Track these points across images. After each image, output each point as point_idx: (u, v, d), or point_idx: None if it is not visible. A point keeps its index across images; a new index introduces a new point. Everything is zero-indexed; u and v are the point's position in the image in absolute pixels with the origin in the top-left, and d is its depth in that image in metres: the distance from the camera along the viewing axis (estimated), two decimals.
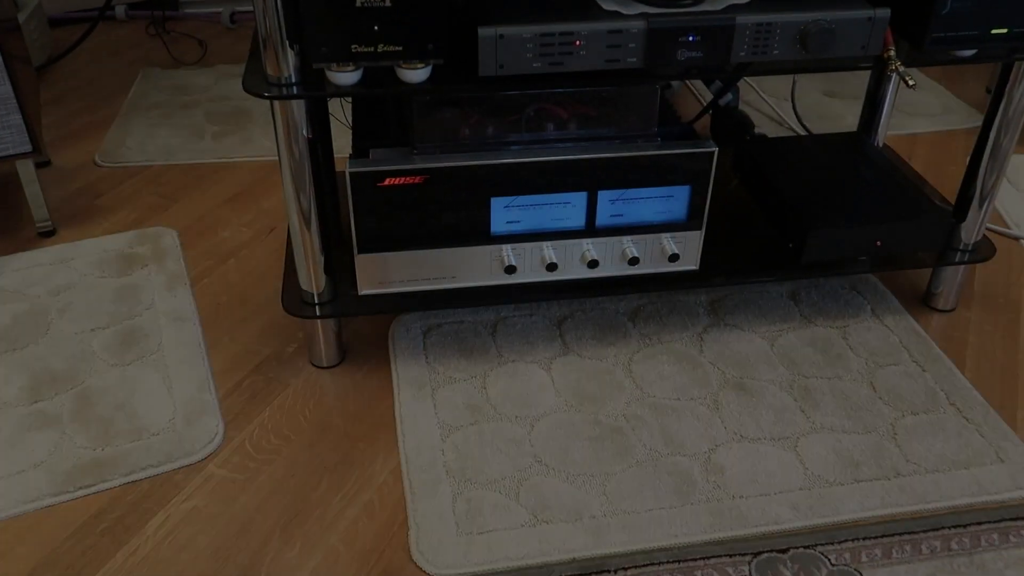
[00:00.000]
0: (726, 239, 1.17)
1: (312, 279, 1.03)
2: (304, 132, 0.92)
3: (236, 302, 1.22)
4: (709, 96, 1.72)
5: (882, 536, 0.89)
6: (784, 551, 0.88)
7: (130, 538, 0.88)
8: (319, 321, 1.06)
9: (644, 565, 0.85)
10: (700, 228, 1.04)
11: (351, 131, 1.08)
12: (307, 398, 1.06)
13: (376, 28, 0.83)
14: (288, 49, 0.86)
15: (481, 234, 1.00)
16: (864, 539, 0.89)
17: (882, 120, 1.32)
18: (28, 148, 1.24)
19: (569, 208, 1.00)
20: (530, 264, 1.03)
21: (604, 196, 1.00)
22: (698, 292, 1.23)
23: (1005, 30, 0.93)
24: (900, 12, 0.94)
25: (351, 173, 0.93)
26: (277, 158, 0.94)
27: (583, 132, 0.99)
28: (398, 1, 0.82)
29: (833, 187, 1.15)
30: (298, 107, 0.90)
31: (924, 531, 0.89)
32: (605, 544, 0.88)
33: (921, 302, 1.21)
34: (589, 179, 0.98)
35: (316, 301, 1.04)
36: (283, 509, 0.91)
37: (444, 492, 0.93)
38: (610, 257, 1.04)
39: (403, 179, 0.94)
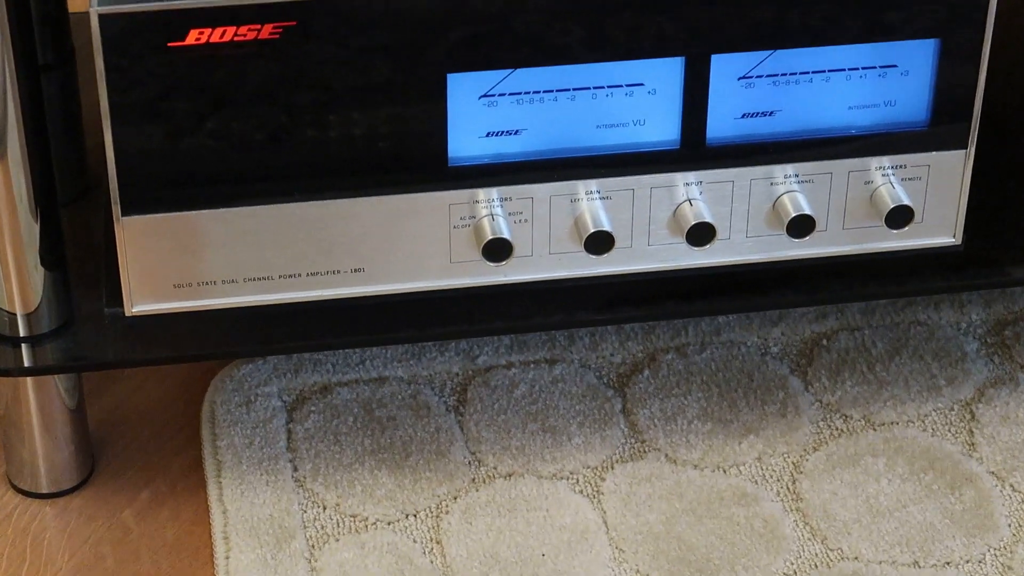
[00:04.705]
0: None
1: (13, 281, 1.04)
2: None
3: None
4: None
5: None
6: None
7: None
8: (30, 381, 1.07)
9: None
10: (965, 145, 1.05)
11: None
12: (4, 570, 1.06)
13: None
14: None
15: (427, 165, 1.01)
16: None
17: None
18: None
19: (640, 98, 1.02)
20: (547, 235, 1.05)
21: (725, 67, 1.01)
22: (962, 304, 1.24)
23: None
24: None
25: (103, 16, 0.93)
26: None
27: None
28: None
29: None
30: None
31: None
32: None
33: None
34: (689, 29, 0.99)
35: (23, 333, 1.06)
36: None
37: None
38: (742, 218, 1.06)
39: (231, 30, 0.95)
